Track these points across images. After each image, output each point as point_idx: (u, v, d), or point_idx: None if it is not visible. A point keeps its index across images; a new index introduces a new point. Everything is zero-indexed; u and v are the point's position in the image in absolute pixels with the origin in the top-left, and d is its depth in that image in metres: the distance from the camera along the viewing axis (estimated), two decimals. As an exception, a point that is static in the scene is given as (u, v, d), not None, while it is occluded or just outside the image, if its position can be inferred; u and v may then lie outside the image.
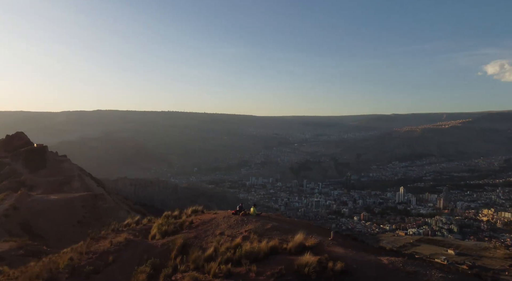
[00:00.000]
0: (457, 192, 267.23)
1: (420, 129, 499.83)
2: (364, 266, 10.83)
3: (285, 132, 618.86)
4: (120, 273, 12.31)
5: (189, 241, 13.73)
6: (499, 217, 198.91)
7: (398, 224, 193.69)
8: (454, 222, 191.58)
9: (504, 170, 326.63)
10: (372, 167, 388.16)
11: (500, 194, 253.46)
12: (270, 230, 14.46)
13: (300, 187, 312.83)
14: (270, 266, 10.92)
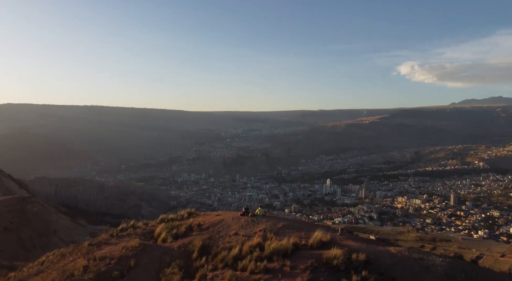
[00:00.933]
0: (376, 182, 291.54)
1: (344, 124, 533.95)
2: (379, 255, 11.83)
3: (217, 128, 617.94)
4: (145, 276, 12.25)
5: (205, 242, 13.81)
6: (411, 203, 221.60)
7: (325, 214, 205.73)
8: (374, 210, 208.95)
9: (415, 161, 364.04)
10: (301, 160, 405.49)
11: (411, 183, 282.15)
12: (282, 228, 14.92)
13: (233, 182, 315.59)
14: (299, 260, 11.48)
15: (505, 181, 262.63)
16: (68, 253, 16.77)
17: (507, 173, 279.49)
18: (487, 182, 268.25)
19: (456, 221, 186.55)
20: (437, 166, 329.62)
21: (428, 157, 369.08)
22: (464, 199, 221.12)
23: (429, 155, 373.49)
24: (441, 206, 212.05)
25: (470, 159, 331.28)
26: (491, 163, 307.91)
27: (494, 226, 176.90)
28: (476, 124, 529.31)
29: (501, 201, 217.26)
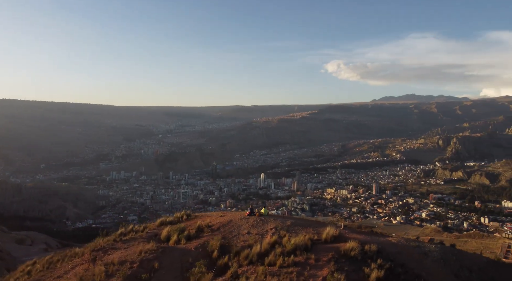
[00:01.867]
0: (307, 175, 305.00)
1: (276, 119, 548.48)
2: (385, 245, 13.00)
3: (148, 123, 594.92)
4: (171, 277, 12.37)
5: (220, 241, 14.03)
6: (339, 194, 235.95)
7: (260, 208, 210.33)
8: (306, 202, 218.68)
9: (341, 154, 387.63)
10: (235, 155, 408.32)
11: (339, 175, 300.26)
12: (291, 226, 15.58)
13: (166, 179, 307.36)
14: (319, 253, 12.26)
15: (417, 171, 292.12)
16: (56, 260, 16.08)
17: (419, 164, 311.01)
18: (403, 172, 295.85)
19: (378, 209, 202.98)
20: (361, 158, 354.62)
21: (353, 150, 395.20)
22: (384, 188, 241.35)
23: (354, 148, 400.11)
24: (365, 195, 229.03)
25: (389, 152, 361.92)
26: (406, 155, 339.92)
27: (409, 211, 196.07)
28: (393, 120, 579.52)
29: (415, 189, 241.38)
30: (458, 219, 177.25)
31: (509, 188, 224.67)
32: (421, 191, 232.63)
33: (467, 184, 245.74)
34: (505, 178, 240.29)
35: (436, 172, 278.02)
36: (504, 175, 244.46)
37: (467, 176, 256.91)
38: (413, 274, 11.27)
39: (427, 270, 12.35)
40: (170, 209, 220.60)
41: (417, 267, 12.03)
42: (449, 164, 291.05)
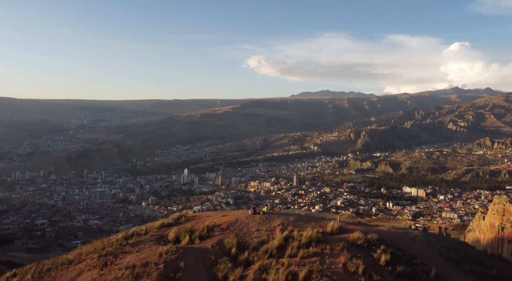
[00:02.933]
0: (231, 169, 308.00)
1: (199, 114, 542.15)
2: (381, 234, 14.76)
3: (57, 118, 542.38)
4: (199, 275, 12.74)
5: (236, 239, 14.70)
6: (262, 187, 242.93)
7: (184, 204, 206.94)
8: (230, 195, 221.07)
9: (264, 148, 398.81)
10: (157, 151, 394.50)
11: (261, 168, 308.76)
12: (295, 222, 16.54)
13: (80, 178, 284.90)
14: (331, 244, 13.45)
15: (333, 162, 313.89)
16: (47, 269, 15.67)
17: (334, 155, 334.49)
18: (320, 164, 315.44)
19: (298, 199, 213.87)
20: (282, 151, 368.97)
21: (275, 143, 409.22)
22: (304, 180, 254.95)
23: (275, 142, 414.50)
24: (286, 187, 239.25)
25: (307, 144, 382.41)
26: (323, 147, 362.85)
27: (326, 200, 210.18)
28: (311, 114, 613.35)
29: (331, 179, 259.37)
30: (368, 205, 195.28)
31: (408, 175, 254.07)
32: (336, 180, 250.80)
33: (375, 172, 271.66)
34: (405, 166, 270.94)
35: (349, 162, 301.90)
36: (404, 164, 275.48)
37: (375, 166, 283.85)
38: (409, 255, 13.16)
39: (418, 251, 14.46)
40: (86, 210, 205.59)
41: (411, 250, 14.04)
42: (359, 155, 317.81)
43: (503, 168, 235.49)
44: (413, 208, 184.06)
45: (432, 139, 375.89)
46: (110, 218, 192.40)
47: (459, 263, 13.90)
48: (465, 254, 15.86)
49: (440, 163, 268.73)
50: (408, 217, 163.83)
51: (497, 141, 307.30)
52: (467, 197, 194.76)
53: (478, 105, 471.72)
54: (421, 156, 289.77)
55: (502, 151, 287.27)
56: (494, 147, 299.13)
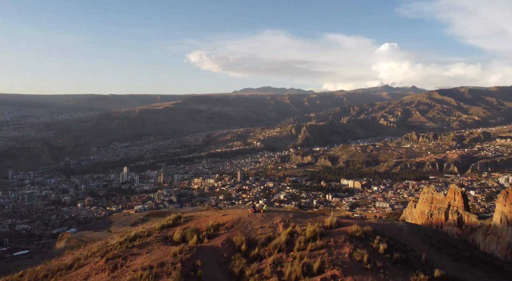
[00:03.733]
0: (173, 166, 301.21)
1: (138, 110, 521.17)
2: (373, 226, 15.68)
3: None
4: (216, 271, 13.04)
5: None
6: (206, 183, 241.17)
7: (124, 204, 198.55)
8: (173, 193, 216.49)
9: (207, 144, 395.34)
10: (92, 149, 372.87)
11: (205, 165, 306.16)
12: (294, 218, 17.14)
13: (5, 180, 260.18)
14: (333, 237, 14.39)
15: (275, 157, 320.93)
16: (43, 276, 15.25)
17: (276, 150, 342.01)
18: (263, 159, 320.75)
19: (242, 195, 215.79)
20: (225, 147, 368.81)
21: (218, 139, 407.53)
22: (248, 175, 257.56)
23: (219, 138, 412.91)
24: (230, 183, 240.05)
25: (250, 140, 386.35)
26: (265, 143, 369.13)
27: (270, 195, 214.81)
28: (253, 110, 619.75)
29: (273, 173, 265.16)
30: (309, 198, 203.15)
31: (345, 168, 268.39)
32: (279, 175, 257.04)
33: (315, 166, 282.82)
34: (343, 160, 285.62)
35: (291, 157, 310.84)
36: (342, 158, 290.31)
37: (315, 160, 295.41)
38: (401, 244, 14.50)
39: (407, 239, 15.96)
40: (12, 214, 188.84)
41: (401, 239, 15.44)
42: (300, 150, 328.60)
43: (427, 159, 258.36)
44: (350, 199, 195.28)
45: (366, 134, 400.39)
46: (41, 221, 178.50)
47: (439, 248, 15.64)
48: (442, 240, 17.82)
49: (373, 156, 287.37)
50: (346, 208, 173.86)
51: (422, 135, 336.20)
52: (397, 187, 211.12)
53: (406, 102, 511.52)
54: (356, 150, 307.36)
55: (426, 144, 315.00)
56: (419, 141, 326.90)
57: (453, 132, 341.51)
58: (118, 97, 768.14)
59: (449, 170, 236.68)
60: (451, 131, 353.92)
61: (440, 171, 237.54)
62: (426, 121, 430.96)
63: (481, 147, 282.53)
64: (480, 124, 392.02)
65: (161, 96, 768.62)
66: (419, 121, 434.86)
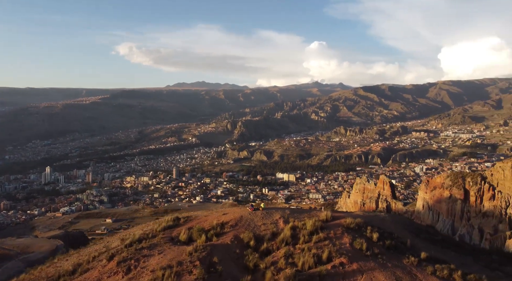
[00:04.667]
0: (103, 165, 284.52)
1: (60, 104, 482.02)
2: (362, 218, 16.95)
3: None
4: (232, 267, 13.55)
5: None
6: (139, 181, 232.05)
7: (48, 206, 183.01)
8: (104, 193, 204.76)
9: (139, 141, 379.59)
10: (7, 148, 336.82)
11: (137, 162, 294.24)
12: (291, 214, 17.98)
13: None
14: (331, 229, 15.58)
15: (211, 153, 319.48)
16: (55, 278, 15.00)
17: (212, 146, 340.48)
18: (199, 155, 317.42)
19: (179, 192, 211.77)
20: (159, 144, 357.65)
21: (151, 136, 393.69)
22: (183, 171, 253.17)
23: (152, 134, 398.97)
24: (166, 180, 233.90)
25: (185, 136, 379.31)
26: (201, 138, 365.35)
27: (207, 191, 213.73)
28: (187, 105, 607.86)
29: (210, 169, 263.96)
30: (246, 192, 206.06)
31: (280, 162, 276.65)
32: (216, 171, 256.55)
33: (251, 161, 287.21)
34: (277, 154, 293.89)
35: (227, 152, 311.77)
36: (277, 152, 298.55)
37: (251, 155, 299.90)
38: (388, 232, 15.87)
39: (391, 228, 17.35)
40: None
41: (386, 227, 16.83)
42: (236, 145, 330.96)
43: (354, 152, 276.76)
44: (285, 192, 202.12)
45: (299, 129, 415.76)
46: None
47: (417, 233, 17.49)
48: (416, 227, 19.60)
49: (306, 150, 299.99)
50: (282, 201, 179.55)
51: (349, 129, 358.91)
52: (328, 179, 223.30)
53: (334, 98, 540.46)
54: (290, 144, 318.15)
55: (353, 137, 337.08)
56: (347, 135, 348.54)
57: (376, 126, 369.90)
58: (37, 90, 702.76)
59: (373, 161, 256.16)
60: (374, 125, 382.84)
61: (365, 162, 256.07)
62: (353, 116, 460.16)
63: (400, 139, 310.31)
64: (398, 119, 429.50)
65: (87, 90, 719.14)
66: (346, 116, 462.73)
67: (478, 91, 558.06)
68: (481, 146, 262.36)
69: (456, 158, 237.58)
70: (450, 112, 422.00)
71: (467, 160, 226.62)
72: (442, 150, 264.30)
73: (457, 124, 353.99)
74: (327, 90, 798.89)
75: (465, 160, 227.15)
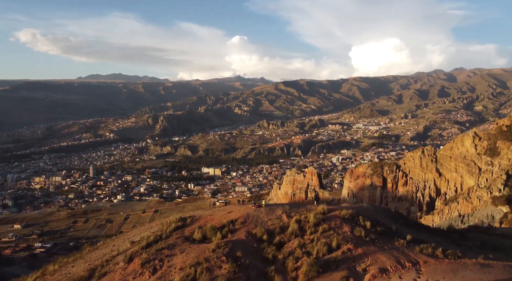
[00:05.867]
0: (4, 164, 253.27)
1: None
2: (351, 209, 18.40)
3: None
4: (254, 259, 14.56)
5: None
6: (51, 182, 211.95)
7: None
8: (8, 196, 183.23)
9: (48, 138, 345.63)
10: None
11: (47, 161, 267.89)
12: (291, 209, 18.95)
13: None
14: (331, 220, 16.73)
15: (132, 149, 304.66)
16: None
17: (132, 142, 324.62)
18: (118, 151, 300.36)
19: (97, 191, 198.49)
20: (71, 140, 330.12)
21: (62, 132, 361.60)
22: (101, 170, 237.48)
23: (63, 130, 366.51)
24: (81, 179, 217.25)
25: (102, 132, 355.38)
26: (120, 134, 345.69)
27: (129, 189, 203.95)
28: (103, 99, 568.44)
29: (131, 166, 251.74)
30: (171, 189, 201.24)
31: (205, 157, 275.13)
32: (137, 167, 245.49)
33: (175, 156, 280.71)
34: (202, 148, 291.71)
35: (149, 148, 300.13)
36: (201, 146, 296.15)
37: (174, 150, 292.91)
38: (375, 220, 17.34)
39: (376, 216, 18.93)
40: None
41: (372, 216, 18.39)
42: (159, 140, 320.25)
43: (277, 145, 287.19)
44: (212, 186, 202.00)
45: (223, 122, 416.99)
46: None
47: (395, 219, 18.97)
48: (392, 214, 21.68)
49: (231, 144, 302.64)
50: (208, 195, 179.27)
51: (272, 123, 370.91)
52: (254, 172, 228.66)
53: (256, 92, 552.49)
54: (215, 138, 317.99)
55: (275, 131, 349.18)
56: (269, 128, 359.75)
57: (296, 120, 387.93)
58: None
59: (294, 153, 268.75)
60: (294, 119, 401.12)
61: (287, 154, 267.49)
62: (274, 110, 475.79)
63: (318, 132, 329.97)
64: (316, 112, 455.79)
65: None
66: (268, 110, 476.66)
67: (383, 87, 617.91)
68: (387, 137, 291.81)
69: (366, 148, 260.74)
70: (361, 106, 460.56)
71: (376, 150, 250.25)
72: (354, 141, 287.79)
73: (366, 117, 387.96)
74: (249, 84, 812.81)
75: (374, 150, 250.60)
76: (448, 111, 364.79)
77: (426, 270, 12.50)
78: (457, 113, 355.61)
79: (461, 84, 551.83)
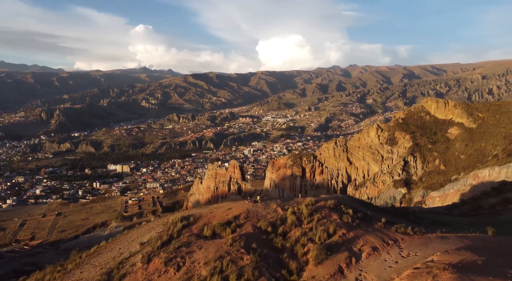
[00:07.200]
0: None
1: None
2: (332, 199, 20.38)
3: None
4: (267, 250, 15.93)
5: None
6: None
7: None
8: None
9: None
10: None
11: None
12: (284, 202, 20.43)
13: None
14: (322, 210, 18.46)
15: (22, 147, 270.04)
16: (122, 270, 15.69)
17: (22, 139, 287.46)
18: (4, 150, 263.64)
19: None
20: None
21: None
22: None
23: None
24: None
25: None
26: (6, 130, 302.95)
27: (21, 191, 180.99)
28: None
29: (23, 166, 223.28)
30: (73, 189, 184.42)
31: (111, 153, 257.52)
32: (31, 167, 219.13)
33: (76, 154, 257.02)
34: (107, 144, 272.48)
35: (44, 145, 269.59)
36: (106, 142, 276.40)
37: (75, 147, 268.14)
38: (353, 208, 19.15)
39: (353, 205, 20.69)
40: None
41: (350, 205, 20.03)
42: (55, 137, 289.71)
43: (188, 138, 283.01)
44: (120, 184, 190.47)
45: (128, 116, 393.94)
46: None
47: (367, 206, 21.74)
48: (362, 202, 22.37)
49: (139, 139, 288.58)
50: (117, 193, 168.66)
51: (182, 116, 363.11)
52: (165, 167, 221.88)
53: (165, 85, 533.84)
54: (121, 133, 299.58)
55: (186, 124, 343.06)
56: (180, 122, 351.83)
57: (207, 113, 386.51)
58: None
59: (207, 146, 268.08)
60: (205, 112, 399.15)
61: (200, 148, 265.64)
62: (184, 103, 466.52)
63: (229, 125, 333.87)
64: (226, 105, 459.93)
65: None
66: (177, 103, 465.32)
67: (288, 81, 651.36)
68: (293, 129, 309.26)
69: (276, 139, 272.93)
70: (269, 99, 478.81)
71: (284, 141, 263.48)
72: (264, 133, 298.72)
73: (274, 110, 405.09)
74: (157, 76, 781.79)
75: (282, 141, 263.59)
76: (345, 104, 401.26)
77: (405, 245, 14.93)
78: (352, 106, 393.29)
79: (355, 79, 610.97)
